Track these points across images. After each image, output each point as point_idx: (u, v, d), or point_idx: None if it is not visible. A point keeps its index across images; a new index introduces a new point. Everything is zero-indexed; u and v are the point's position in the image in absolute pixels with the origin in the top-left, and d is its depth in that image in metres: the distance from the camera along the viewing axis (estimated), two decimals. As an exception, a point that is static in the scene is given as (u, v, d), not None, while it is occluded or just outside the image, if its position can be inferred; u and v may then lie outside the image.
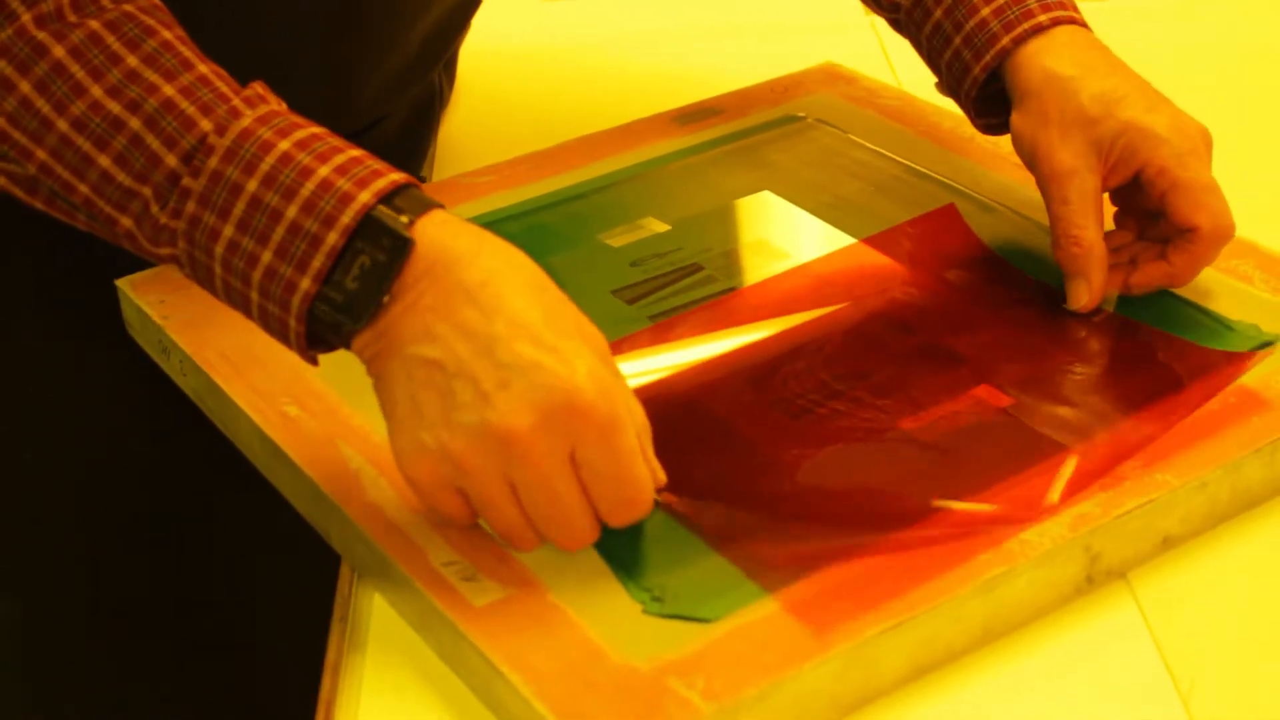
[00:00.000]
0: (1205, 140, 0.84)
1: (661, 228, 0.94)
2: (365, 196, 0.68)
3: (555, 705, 0.63)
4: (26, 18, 0.71)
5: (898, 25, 0.96)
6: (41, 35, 0.71)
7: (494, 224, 0.94)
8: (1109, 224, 0.88)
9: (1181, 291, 0.86)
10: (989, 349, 0.83)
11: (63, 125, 0.71)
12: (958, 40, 0.89)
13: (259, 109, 0.71)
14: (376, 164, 0.69)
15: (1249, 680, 0.68)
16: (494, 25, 1.10)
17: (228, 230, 0.69)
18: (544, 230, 0.94)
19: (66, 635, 0.99)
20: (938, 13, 0.90)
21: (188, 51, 0.72)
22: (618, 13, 1.30)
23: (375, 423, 0.77)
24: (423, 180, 1.08)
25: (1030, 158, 0.86)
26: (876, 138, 1.03)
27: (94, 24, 0.71)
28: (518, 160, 1.01)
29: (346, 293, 0.68)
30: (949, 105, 1.04)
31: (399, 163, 1.05)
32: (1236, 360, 0.80)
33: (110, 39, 0.71)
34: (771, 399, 0.80)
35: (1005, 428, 0.77)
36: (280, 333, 0.70)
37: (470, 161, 1.04)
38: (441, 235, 0.68)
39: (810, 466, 0.75)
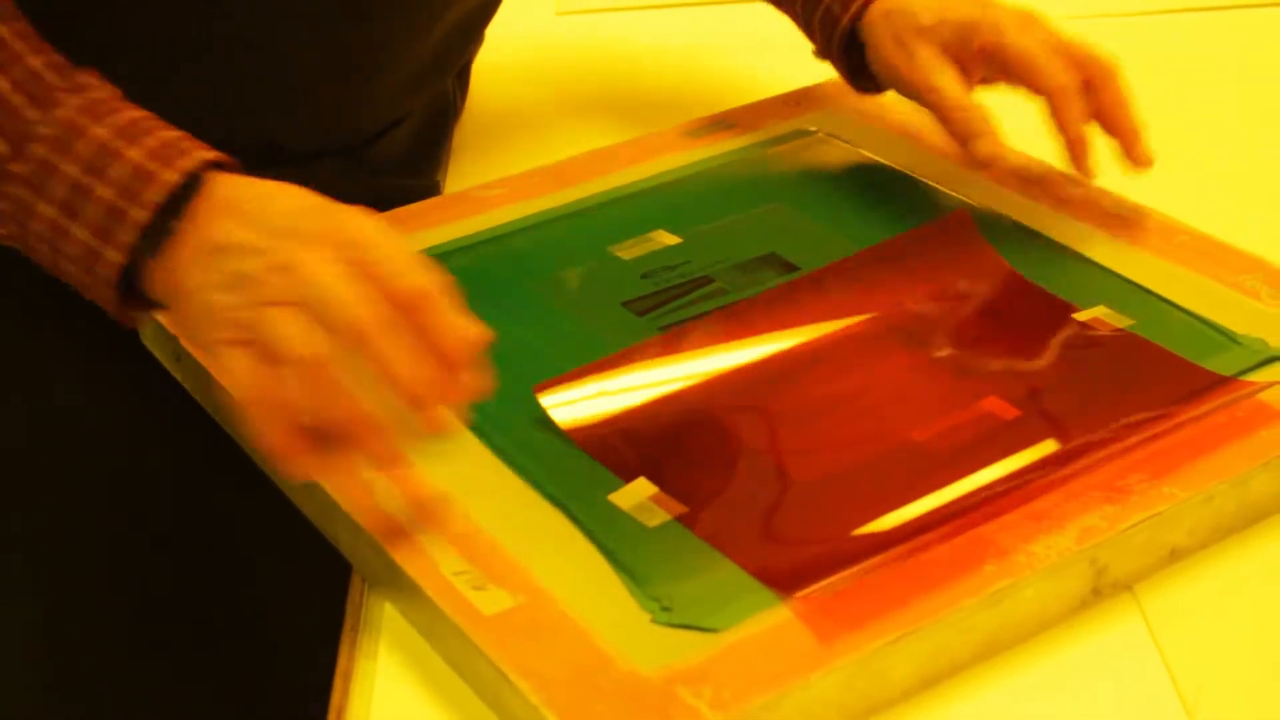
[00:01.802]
0: (1033, 15, 0.93)
1: (672, 240, 0.94)
2: (170, 175, 0.73)
3: (564, 713, 0.63)
4: None
5: (778, 2, 1.06)
6: None
7: (506, 236, 0.95)
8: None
9: (1190, 305, 0.86)
10: (997, 361, 0.83)
11: None
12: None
13: (85, 95, 0.76)
14: (189, 144, 0.75)
15: (1255, 693, 0.68)
16: (507, 38, 1.11)
17: (47, 209, 0.75)
18: (555, 243, 0.95)
19: (78, 642, 0.99)
20: None
21: (20, 45, 0.77)
22: (630, 27, 1.30)
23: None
24: (436, 188, 1.08)
25: (894, 80, 0.96)
26: (887, 152, 1.03)
27: None
28: (529, 173, 1.01)
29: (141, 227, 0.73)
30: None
31: (413, 171, 1.06)
32: (1238, 384, 0.80)
33: None
34: (779, 409, 0.80)
35: (1011, 438, 0.77)
36: (102, 303, 0.76)
37: (483, 174, 1.04)
38: (228, 177, 0.74)
39: (818, 476, 0.75)
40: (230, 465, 0.85)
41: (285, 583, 1.00)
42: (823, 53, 1.03)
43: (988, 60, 0.93)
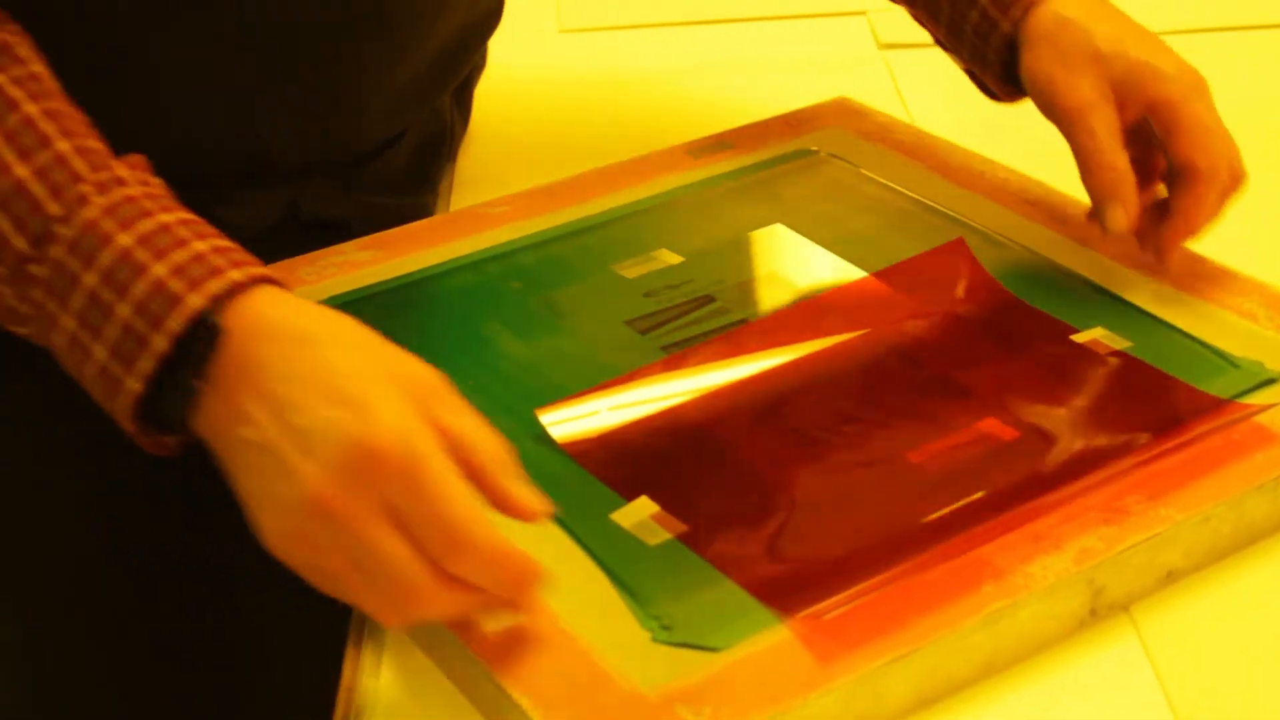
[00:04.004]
0: (1206, 86, 0.87)
1: (675, 259, 0.94)
2: (195, 300, 0.67)
3: (563, 730, 0.64)
4: None
5: (911, 3, 0.98)
6: None
7: (508, 255, 0.95)
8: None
9: (1188, 328, 0.86)
10: (996, 382, 0.83)
11: None
12: (983, 1, 0.92)
13: (111, 194, 0.70)
14: (221, 260, 0.68)
15: (1249, 715, 0.68)
16: (510, 56, 1.11)
17: (68, 322, 0.69)
18: (558, 261, 0.95)
19: (63, 663, 0.98)
20: None
21: (50, 126, 0.71)
22: (632, 46, 1.30)
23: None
24: (426, 208, 1.08)
25: (1047, 96, 0.88)
26: (888, 172, 1.03)
27: None
28: (532, 191, 1.01)
29: (167, 389, 0.67)
30: (960, 140, 1.05)
31: (406, 192, 1.05)
32: (1235, 407, 0.80)
33: None
34: (781, 429, 0.80)
35: (1009, 460, 0.78)
36: (125, 427, 0.69)
37: (486, 192, 1.04)
38: (254, 311, 0.67)
39: (818, 496, 0.75)
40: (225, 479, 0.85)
41: (291, 598, 0.99)
42: (972, 60, 0.97)
43: (1146, 109, 0.87)
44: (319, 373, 0.65)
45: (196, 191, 0.77)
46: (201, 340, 0.66)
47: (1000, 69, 0.93)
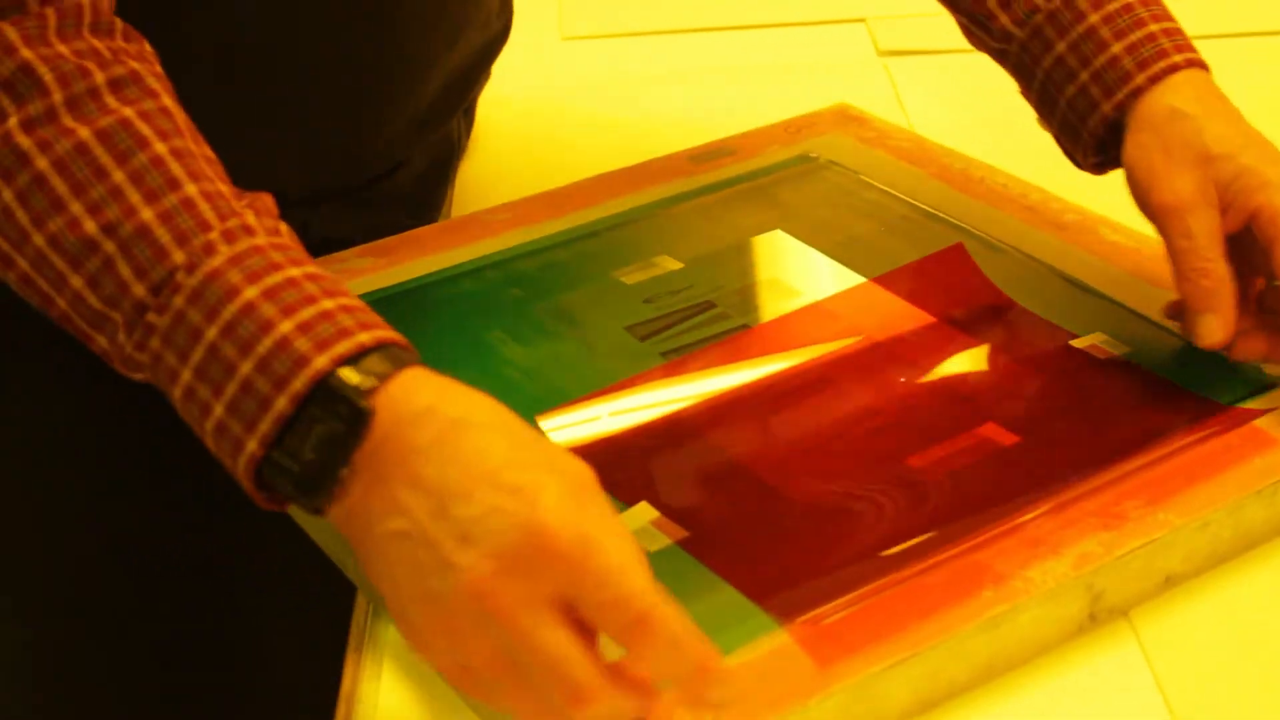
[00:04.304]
0: None
1: (675, 265, 0.95)
2: (321, 361, 0.63)
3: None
4: (14, 120, 0.68)
5: (1003, 57, 0.91)
6: (26, 143, 0.68)
7: (510, 262, 0.95)
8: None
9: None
10: (996, 388, 0.83)
11: (39, 240, 0.68)
12: (1085, 76, 0.86)
13: (238, 245, 0.67)
14: (349, 320, 0.65)
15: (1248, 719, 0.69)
16: (512, 63, 1.11)
17: (186, 374, 0.66)
18: (559, 267, 0.95)
19: (66, 667, 0.98)
20: (1060, 46, 0.87)
21: (178, 168, 0.68)
22: (634, 53, 1.31)
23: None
24: (434, 218, 1.08)
25: (1145, 189, 0.83)
26: (887, 178, 1.03)
27: (84, 132, 0.68)
28: (533, 198, 1.02)
29: (303, 463, 0.63)
30: (959, 147, 1.05)
31: (414, 211, 1.05)
32: (1233, 412, 0.80)
33: (98, 151, 0.68)
34: (780, 434, 0.81)
35: (1009, 465, 0.78)
36: (248, 490, 0.66)
37: (487, 199, 1.05)
38: (401, 396, 0.63)
39: (818, 501, 0.76)
40: (228, 484, 0.85)
41: (291, 604, 0.99)
42: (1061, 133, 0.90)
43: (1249, 218, 0.81)
44: (478, 457, 0.61)
45: None
46: (351, 421, 0.62)
47: (1094, 148, 0.88)
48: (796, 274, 0.94)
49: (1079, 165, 0.90)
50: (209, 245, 0.66)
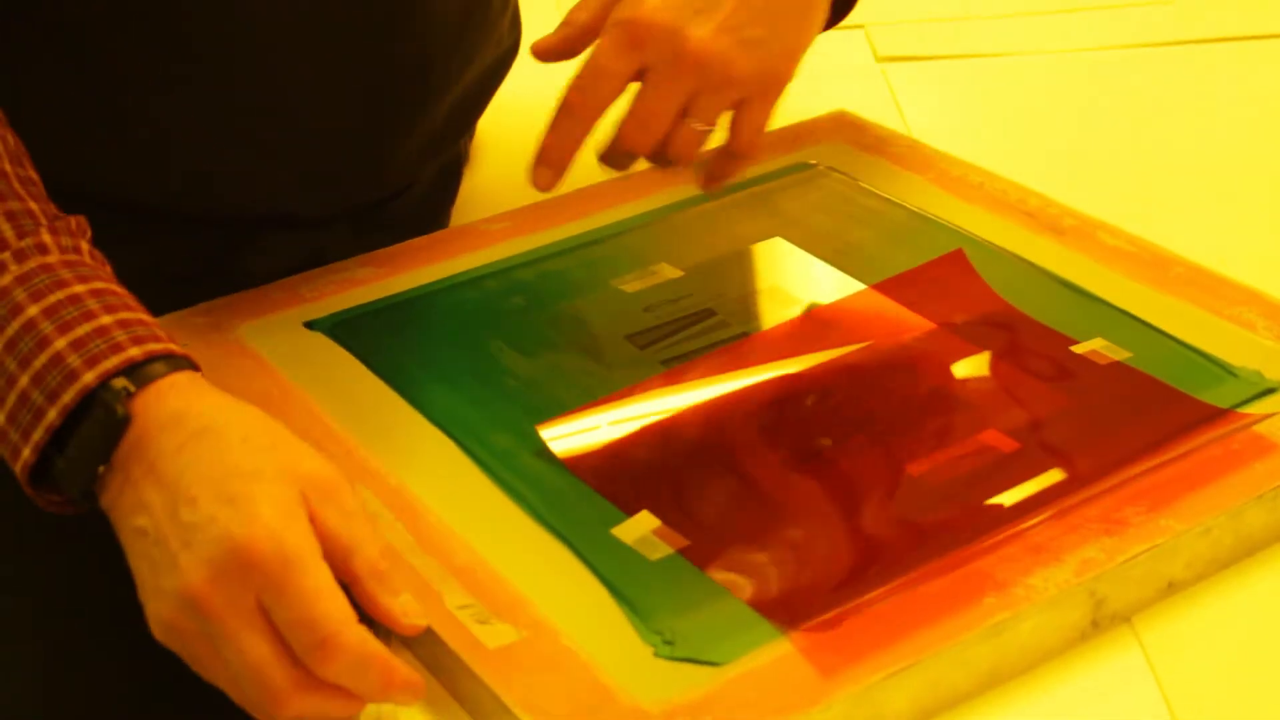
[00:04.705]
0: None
1: (675, 274, 0.95)
2: (89, 377, 0.68)
3: (567, 747, 0.64)
4: None
5: None
6: None
7: (509, 271, 0.96)
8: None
9: (1187, 337, 0.86)
10: (995, 394, 0.84)
11: None
12: None
13: (28, 263, 0.71)
14: (123, 335, 0.70)
15: None
16: (511, 76, 1.11)
17: None
18: (558, 276, 0.95)
19: (78, 681, 0.98)
20: None
21: None
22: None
23: (392, 465, 0.78)
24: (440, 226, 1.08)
25: None
26: (886, 185, 1.03)
27: None
28: (533, 207, 1.02)
29: (68, 460, 0.69)
30: (958, 152, 1.06)
31: (423, 225, 1.06)
32: (1234, 416, 0.80)
33: None
34: (781, 442, 0.81)
35: (1010, 472, 0.78)
36: (30, 493, 0.71)
37: (487, 208, 1.04)
38: (156, 401, 0.68)
39: (819, 509, 0.76)
40: None
41: None
42: None
43: None
44: (212, 465, 0.66)
45: (225, 238, 0.77)
46: (108, 426, 0.68)
47: None
48: (796, 281, 0.94)
49: None
50: (1, 264, 0.71)
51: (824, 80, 1.25)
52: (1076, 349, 0.86)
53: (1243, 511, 0.75)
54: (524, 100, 1.22)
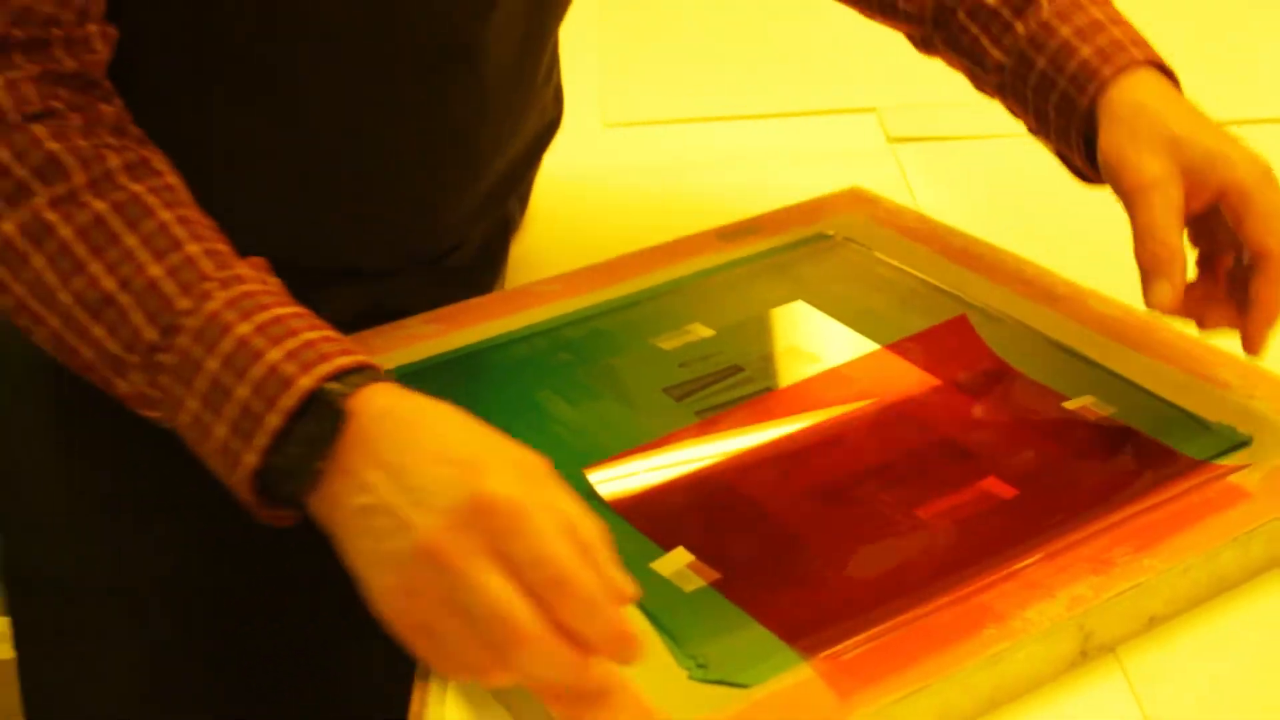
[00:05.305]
0: (1274, 175, 0.81)
1: (707, 333, 0.95)
2: (306, 381, 0.67)
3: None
4: (42, 199, 0.72)
5: (1000, 90, 0.93)
6: (53, 217, 0.72)
7: (558, 329, 0.95)
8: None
9: (1168, 396, 0.86)
10: (995, 445, 0.84)
11: (65, 297, 0.72)
12: (1062, 81, 0.87)
13: (232, 289, 0.71)
14: (329, 346, 0.69)
15: None
16: (560, 149, 1.11)
17: (192, 403, 0.69)
18: (602, 334, 0.95)
19: (171, 679, 0.99)
20: (1041, 62, 0.88)
21: (181, 231, 0.72)
22: (669, 140, 1.31)
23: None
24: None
25: (1116, 172, 0.83)
26: (897, 254, 1.03)
27: (101, 206, 0.72)
28: (579, 271, 1.02)
29: (288, 458, 0.67)
30: (962, 225, 1.05)
31: (475, 278, 1.06)
32: (1210, 468, 0.81)
33: (113, 220, 0.72)
34: (802, 486, 0.81)
35: (1008, 515, 0.78)
36: (242, 498, 0.69)
37: (538, 271, 1.05)
38: (371, 401, 0.67)
39: (838, 548, 0.76)
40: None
41: (361, 632, 1.00)
42: (1059, 141, 0.91)
43: (1217, 196, 0.81)
44: (432, 440, 0.65)
45: (294, 289, 0.77)
46: (329, 424, 0.66)
47: (1084, 148, 0.88)
48: (815, 341, 0.94)
49: (1080, 174, 0.90)
50: (207, 292, 0.70)
51: (840, 159, 1.26)
52: (1068, 405, 0.86)
53: (1218, 553, 0.75)
54: (569, 174, 1.24)
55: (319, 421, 0.66)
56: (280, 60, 0.83)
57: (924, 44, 0.95)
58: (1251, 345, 0.81)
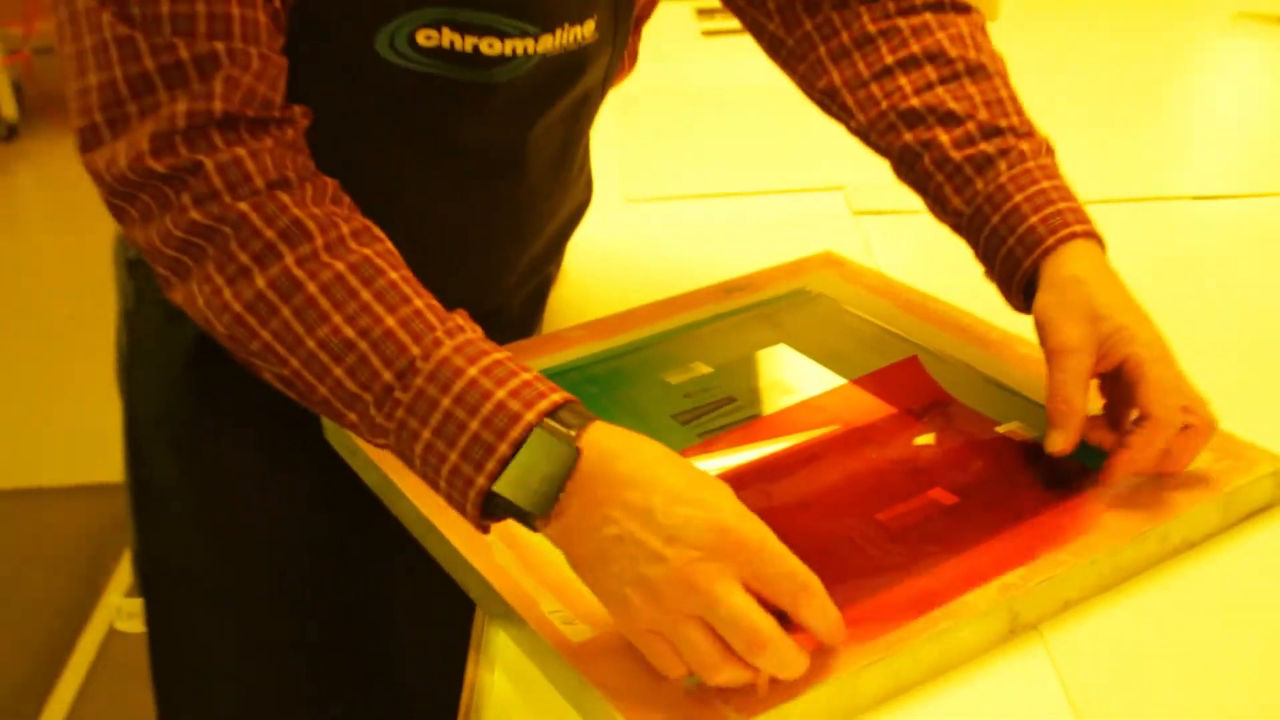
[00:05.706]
0: (1171, 354, 0.81)
1: (707, 370, 0.94)
2: (530, 416, 0.66)
3: (627, 711, 0.65)
4: (290, 258, 0.71)
5: (956, 228, 0.90)
6: (300, 274, 0.70)
7: (586, 366, 0.95)
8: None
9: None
10: (941, 462, 0.83)
11: (311, 343, 0.70)
12: (1012, 240, 0.85)
13: (457, 338, 0.69)
14: (542, 385, 0.68)
15: (1132, 704, 0.69)
16: (589, 220, 1.10)
17: (426, 434, 0.68)
18: (620, 371, 0.95)
19: (270, 663, 0.98)
20: (995, 219, 0.86)
21: (407, 289, 0.71)
22: (678, 211, 1.31)
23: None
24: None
25: (1043, 331, 0.82)
26: (862, 307, 1.02)
27: (340, 265, 0.71)
28: (603, 319, 1.01)
29: (531, 492, 0.66)
30: (915, 282, 1.04)
31: (520, 328, 1.04)
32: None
33: (351, 278, 0.70)
34: (785, 496, 0.81)
35: (951, 519, 0.78)
36: (460, 512, 0.69)
37: (570, 319, 1.04)
38: (599, 440, 0.66)
39: (812, 544, 0.75)
40: (388, 529, 0.86)
41: (426, 614, 0.98)
42: (1000, 283, 0.88)
43: (1122, 362, 0.80)
44: (667, 483, 0.65)
45: None
46: (563, 457, 0.65)
47: (1021, 295, 0.86)
48: (794, 377, 0.94)
49: (1013, 306, 0.89)
50: (436, 340, 0.69)
51: (814, 228, 1.25)
52: (1000, 429, 0.86)
53: (1120, 549, 0.75)
54: (596, 240, 1.24)
55: (553, 458, 0.66)
56: (351, 172, 0.80)
57: (894, 170, 0.94)
58: (1108, 477, 0.79)
